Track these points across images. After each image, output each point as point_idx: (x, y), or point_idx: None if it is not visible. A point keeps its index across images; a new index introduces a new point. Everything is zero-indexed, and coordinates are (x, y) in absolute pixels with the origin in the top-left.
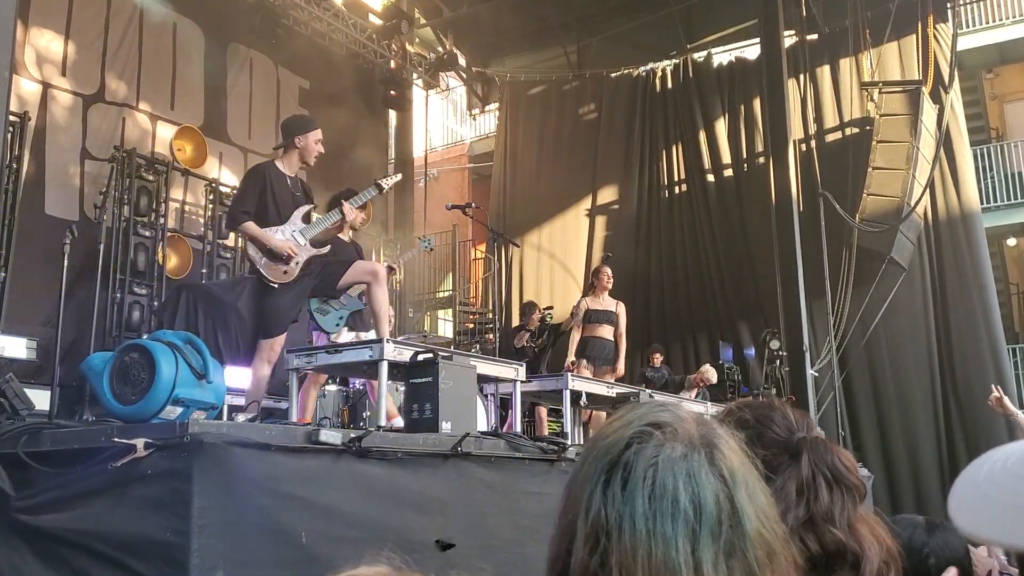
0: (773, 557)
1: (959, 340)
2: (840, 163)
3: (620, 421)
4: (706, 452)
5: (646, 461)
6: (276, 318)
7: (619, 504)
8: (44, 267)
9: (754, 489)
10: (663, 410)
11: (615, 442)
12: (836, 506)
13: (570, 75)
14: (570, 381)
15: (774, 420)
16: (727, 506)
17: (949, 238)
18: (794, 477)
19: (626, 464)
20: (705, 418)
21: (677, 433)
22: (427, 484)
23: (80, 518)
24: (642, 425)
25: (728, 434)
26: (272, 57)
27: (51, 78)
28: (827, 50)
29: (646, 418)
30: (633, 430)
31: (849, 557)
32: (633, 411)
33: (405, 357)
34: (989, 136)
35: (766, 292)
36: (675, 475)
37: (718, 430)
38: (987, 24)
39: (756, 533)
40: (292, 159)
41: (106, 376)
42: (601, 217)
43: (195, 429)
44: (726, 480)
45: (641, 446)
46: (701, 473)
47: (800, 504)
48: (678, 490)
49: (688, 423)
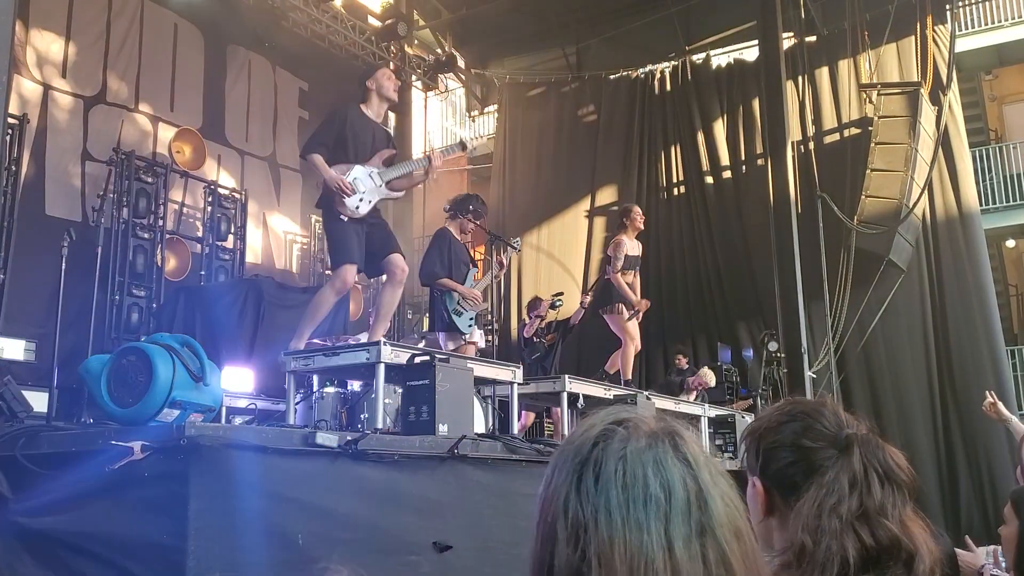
0: (740, 535)
1: (957, 342)
2: (838, 165)
3: (583, 426)
4: (669, 440)
5: (615, 455)
6: (340, 246)
7: (593, 498)
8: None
9: (715, 473)
10: (623, 410)
11: (583, 443)
12: (888, 501)
13: (569, 77)
14: (567, 383)
15: (824, 415)
16: (694, 487)
17: (948, 240)
18: (846, 470)
19: (595, 461)
20: (663, 415)
21: (639, 427)
22: (424, 486)
23: (78, 520)
24: (605, 425)
25: (685, 430)
26: (271, 59)
27: (51, 79)
28: (826, 52)
29: (608, 418)
30: (598, 429)
31: (903, 555)
32: (594, 415)
33: (402, 359)
34: (988, 138)
35: (764, 294)
36: (643, 464)
37: (676, 424)
38: (986, 26)
39: (722, 512)
40: (373, 102)
41: (103, 379)
42: (600, 218)
43: (192, 432)
44: (691, 464)
45: (607, 442)
46: (667, 459)
47: (853, 496)
48: (648, 477)
49: (648, 419)
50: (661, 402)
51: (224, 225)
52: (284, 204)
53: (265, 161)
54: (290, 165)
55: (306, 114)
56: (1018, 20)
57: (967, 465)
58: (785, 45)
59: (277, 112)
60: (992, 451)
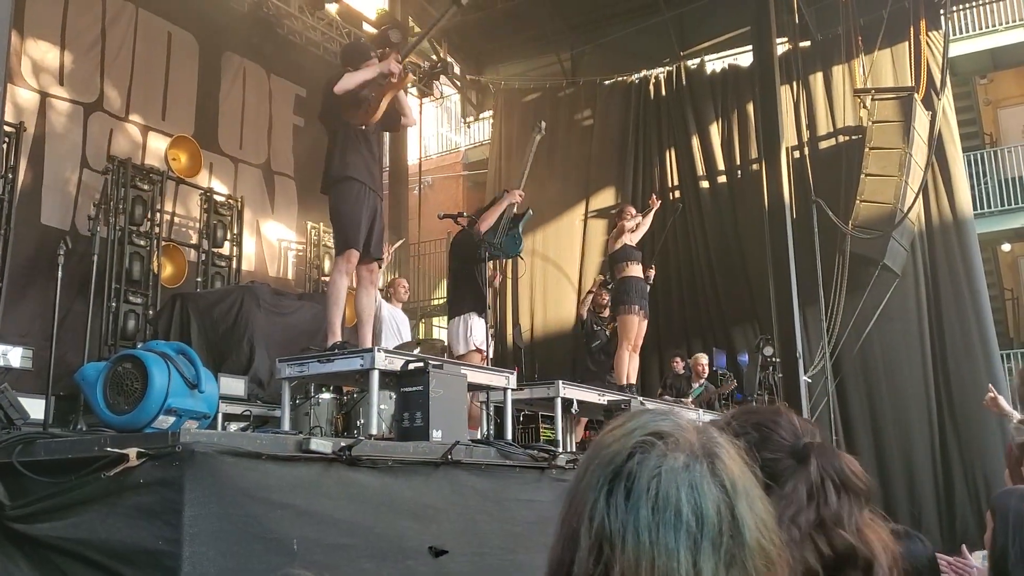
0: (771, 567)
1: (953, 346)
2: (833, 169)
3: (621, 430)
4: (707, 462)
5: (649, 472)
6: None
7: (622, 514)
8: (40, 276)
9: (753, 498)
10: (664, 419)
11: (618, 451)
12: (844, 509)
13: (564, 82)
14: (561, 389)
15: (780, 425)
16: (728, 516)
17: (942, 244)
18: (804, 480)
19: (629, 474)
20: (705, 427)
21: (679, 443)
22: (419, 492)
23: (74, 527)
24: (644, 435)
25: (728, 442)
26: (266, 67)
27: (48, 87)
28: (820, 57)
29: (648, 427)
30: (635, 439)
31: (860, 562)
32: (634, 419)
33: (396, 366)
34: (983, 142)
35: (759, 298)
36: (678, 486)
37: (718, 439)
38: (980, 30)
39: (756, 543)
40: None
41: (99, 386)
42: (595, 222)
43: (187, 439)
44: (727, 490)
45: (644, 456)
46: (703, 483)
47: (811, 506)
48: (680, 501)
49: (689, 432)
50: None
51: (220, 232)
52: (279, 211)
53: (259, 169)
54: (285, 172)
55: (301, 121)
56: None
57: (963, 469)
58: (779, 50)
59: (272, 120)
60: (988, 455)
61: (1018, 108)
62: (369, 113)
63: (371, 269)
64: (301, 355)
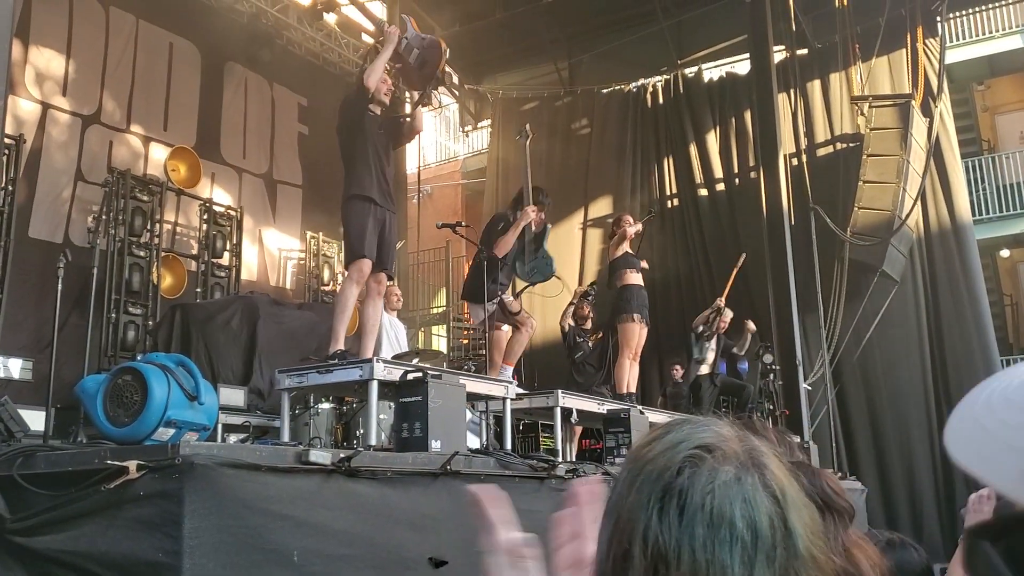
0: (822, 572)
1: (952, 352)
2: (831, 177)
3: (662, 443)
4: (757, 473)
5: (702, 488)
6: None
7: (677, 532)
8: (39, 289)
9: (801, 507)
10: (704, 429)
11: (665, 467)
12: (829, 531)
13: (562, 91)
14: (560, 398)
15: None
16: (781, 528)
17: (941, 250)
18: None
19: (681, 491)
20: (745, 434)
21: (726, 455)
22: (418, 502)
23: (74, 539)
24: (691, 448)
25: (770, 449)
26: (269, 76)
27: (51, 98)
28: (817, 65)
29: (692, 440)
30: (682, 454)
31: None
32: (676, 431)
33: (395, 376)
34: (981, 148)
35: (759, 306)
36: (731, 501)
37: (761, 447)
38: (977, 37)
39: (807, 553)
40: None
41: (100, 398)
42: (594, 231)
43: (186, 451)
44: (779, 501)
45: (694, 471)
46: (756, 497)
47: None
48: (735, 516)
49: (733, 442)
50: (654, 416)
51: (220, 242)
52: (280, 220)
53: (261, 178)
54: (288, 180)
55: (306, 129)
56: (1009, 31)
57: (964, 475)
58: (776, 58)
59: (275, 128)
60: None
61: (1016, 114)
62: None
63: (379, 280)
64: (300, 366)
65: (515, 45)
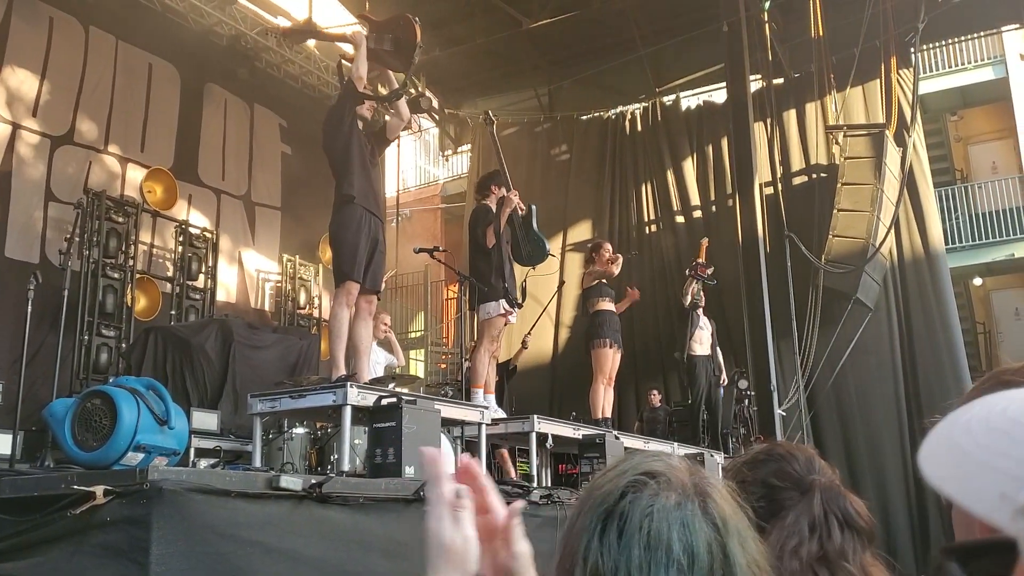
0: None
1: (925, 379)
2: (806, 205)
3: (614, 471)
4: (699, 501)
5: (641, 511)
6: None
7: (615, 554)
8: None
9: (745, 537)
10: (656, 459)
11: (610, 492)
12: (848, 546)
13: (542, 117)
14: (536, 423)
15: (797, 459)
16: (719, 554)
17: (915, 279)
18: (806, 513)
19: (621, 514)
20: (697, 467)
21: (671, 482)
22: (391, 528)
23: (39, 566)
24: (636, 474)
25: (719, 482)
26: (248, 98)
27: (21, 119)
28: (793, 94)
29: (640, 467)
30: (627, 479)
31: None
32: (627, 461)
33: (369, 401)
34: (954, 178)
35: (734, 331)
36: (669, 524)
37: (710, 479)
38: (950, 68)
39: None
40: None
41: (68, 422)
42: (573, 256)
43: (155, 476)
44: (719, 529)
45: (636, 495)
46: (695, 522)
47: (813, 539)
48: (672, 539)
49: (681, 472)
50: (630, 441)
51: (195, 265)
52: (259, 242)
53: (240, 200)
54: (267, 203)
55: (288, 148)
56: (981, 63)
57: (937, 501)
58: (753, 87)
59: (253, 150)
60: None
61: (988, 144)
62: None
63: (369, 300)
64: (273, 390)
65: (496, 70)
